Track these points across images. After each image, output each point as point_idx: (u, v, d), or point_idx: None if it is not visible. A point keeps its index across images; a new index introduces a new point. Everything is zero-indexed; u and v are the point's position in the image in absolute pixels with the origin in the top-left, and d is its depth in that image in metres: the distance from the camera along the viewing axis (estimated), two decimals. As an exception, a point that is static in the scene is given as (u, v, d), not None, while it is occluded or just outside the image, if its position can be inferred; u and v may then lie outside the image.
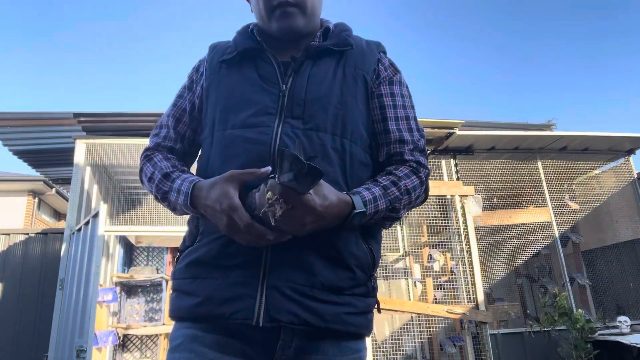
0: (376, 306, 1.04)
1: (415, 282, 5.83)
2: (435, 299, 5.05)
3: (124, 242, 5.46)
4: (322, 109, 0.99)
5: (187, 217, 1.09)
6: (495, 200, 5.92)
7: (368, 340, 4.22)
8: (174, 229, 4.57)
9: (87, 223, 4.34)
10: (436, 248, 5.20)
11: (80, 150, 4.95)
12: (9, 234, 6.24)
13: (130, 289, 5.29)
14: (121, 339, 5.09)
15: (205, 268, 0.94)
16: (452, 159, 5.34)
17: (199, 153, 1.11)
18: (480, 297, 4.58)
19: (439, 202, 5.18)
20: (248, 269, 0.91)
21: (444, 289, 5.02)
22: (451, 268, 4.98)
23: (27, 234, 6.32)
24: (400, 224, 6.43)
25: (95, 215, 4.16)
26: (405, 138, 1.04)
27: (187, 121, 1.11)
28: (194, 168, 1.14)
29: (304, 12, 1.05)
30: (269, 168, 0.89)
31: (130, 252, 5.67)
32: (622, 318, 4.74)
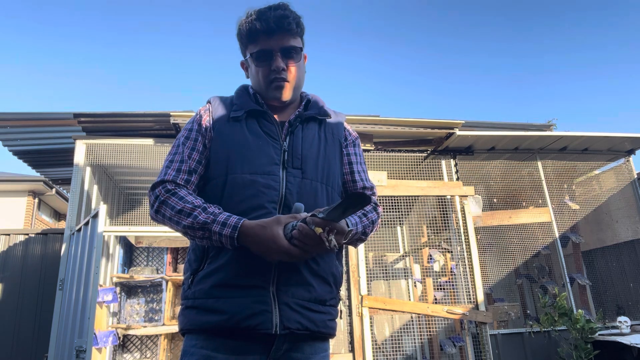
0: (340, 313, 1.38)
1: (415, 283, 5.84)
2: (435, 299, 5.05)
3: (124, 242, 5.47)
4: (314, 164, 1.32)
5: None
6: (495, 200, 5.92)
7: (368, 341, 4.23)
8: (173, 229, 4.55)
9: (87, 223, 4.33)
10: (436, 248, 5.20)
11: (80, 150, 4.95)
12: (9, 234, 6.23)
13: (130, 290, 5.29)
14: (121, 339, 5.10)
15: (228, 289, 1.16)
16: (452, 159, 5.34)
17: (205, 188, 1.31)
18: (480, 297, 4.58)
19: (439, 202, 5.18)
20: (263, 287, 1.16)
21: (444, 289, 5.02)
22: (451, 268, 4.98)
23: (27, 234, 6.30)
24: (400, 224, 6.43)
25: (95, 216, 4.16)
26: (367, 185, 1.44)
27: (196, 158, 1.31)
28: None
29: (291, 86, 1.37)
30: (304, 214, 1.14)
31: (130, 252, 5.68)
32: (622, 318, 4.74)
